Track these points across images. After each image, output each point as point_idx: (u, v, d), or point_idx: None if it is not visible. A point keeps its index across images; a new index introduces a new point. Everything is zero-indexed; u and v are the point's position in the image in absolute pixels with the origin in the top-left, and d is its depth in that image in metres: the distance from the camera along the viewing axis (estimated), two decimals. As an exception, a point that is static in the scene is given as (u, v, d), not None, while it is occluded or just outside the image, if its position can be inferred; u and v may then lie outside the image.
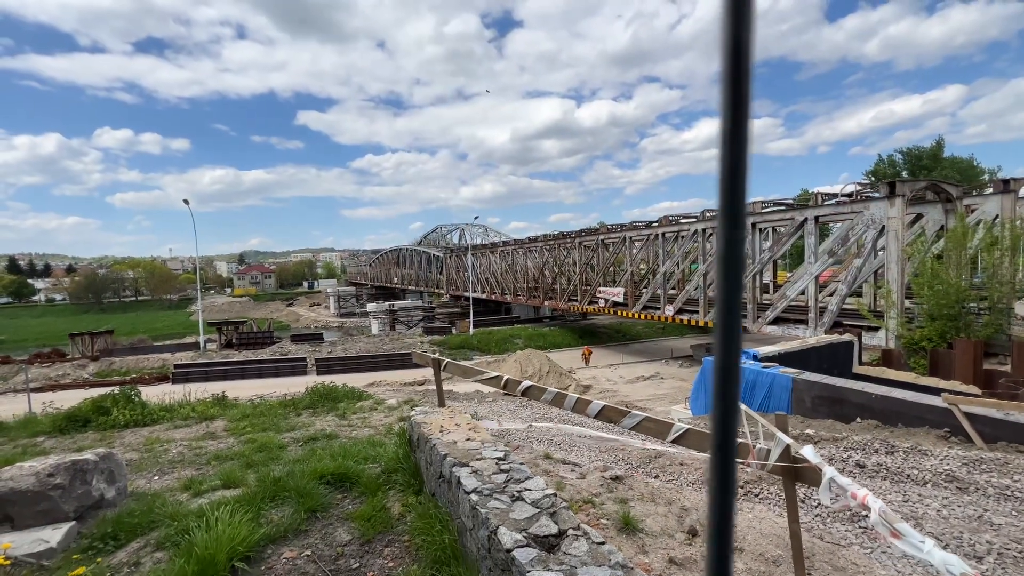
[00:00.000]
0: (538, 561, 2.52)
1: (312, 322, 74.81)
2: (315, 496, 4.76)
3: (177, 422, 9.42)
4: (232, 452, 6.91)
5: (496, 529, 2.85)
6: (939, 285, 16.53)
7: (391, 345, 39.52)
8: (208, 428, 8.93)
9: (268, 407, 10.55)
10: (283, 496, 4.81)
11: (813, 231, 21.40)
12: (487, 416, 10.89)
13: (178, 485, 5.69)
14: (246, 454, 6.65)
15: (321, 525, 4.52)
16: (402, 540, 4.22)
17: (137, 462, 6.81)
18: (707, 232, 27.60)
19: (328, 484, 5.20)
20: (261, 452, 6.73)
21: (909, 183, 19.42)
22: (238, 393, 15.35)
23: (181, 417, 9.64)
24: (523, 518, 2.95)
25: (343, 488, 5.23)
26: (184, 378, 28.74)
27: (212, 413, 9.86)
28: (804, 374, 11.59)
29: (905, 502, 5.75)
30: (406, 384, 25.48)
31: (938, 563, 1.86)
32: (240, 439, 7.79)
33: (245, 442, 7.45)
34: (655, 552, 3.89)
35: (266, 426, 8.63)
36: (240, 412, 9.99)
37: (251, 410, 10.25)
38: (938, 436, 8.58)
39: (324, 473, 5.25)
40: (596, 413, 4.21)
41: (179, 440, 8.04)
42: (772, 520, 4.60)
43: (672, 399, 21.31)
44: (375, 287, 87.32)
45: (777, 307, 22.54)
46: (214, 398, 11.36)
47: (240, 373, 31.19)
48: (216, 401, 11.08)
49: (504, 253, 49.76)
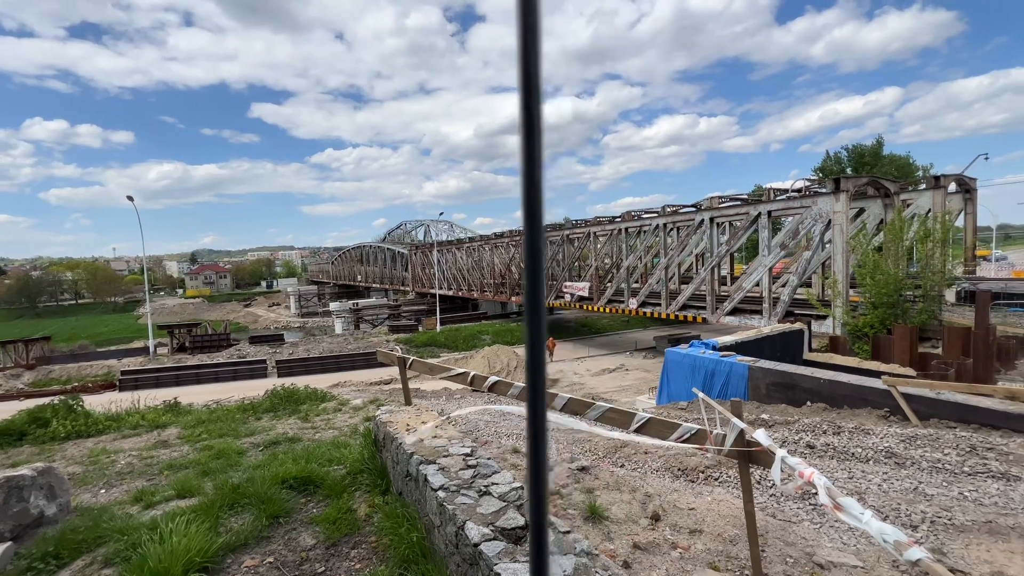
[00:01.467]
0: (505, 553, 2.55)
1: (272, 323, 72.16)
2: (277, 501, 4.62)
3: (125, 431, 8.90)
4: (187, 460, 6.61)
5: (464, 524, 2.85)
6: (880, 275, 17.65)
7: (356, 344, 38.67)
8: (160, 436, 8.49)
9: (225, 412, 10.13)
10: (243, 503, 4.65)
11: (766, 225, 22.38)
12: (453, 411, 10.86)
13: (128, 498, 5.40)
14: (202, 462, 6.37)
15: (284, 531, 4.40)
16: (369, 541, 4.16)
17: (81, 476, 6.41)
18: (668, 227, 28.36)
19: (291, 488, 5.07)
20: (219, 459, 6.46)
21: (852, 179, 20.60)
22: (193, 399, 14.65)
23: (130, 426, 9.12)
24: (490, 512, 2.97)
25: (307, 492, 5.10)
26: (133, 385, 27.17)
27: (164, 421, 9.38)
28: (759, 362, 12.13)
29: (850, 478, 6.14)
30: (372, 384, 25.02)
31: (875, 532, 2.00)
32: (195, 446, 7.46)
33: (201, 449, 7.14)
34: (620, 538, 4.00)
35: (224, 432, 8.28)
36: (195, 418, 9.55)
37: (207, 416, 9.81)
38: (879, 416, 9.18)
39: (286, 477, 5.11)
40: (562, 406, 4.28)
41: (128, 450, 7.62)
42: (730, 502, 4.80)
43: (637, 390, 21.87)
44: (338, 286, 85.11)
45: (734, 298, 23.47)
46: (166, 405, 10.80)
47: (195, 378, 29.77)
48: (168, 408, 10.54)
49: (470, 249, 49.52)
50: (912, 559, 1.91)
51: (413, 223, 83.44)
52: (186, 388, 26.22)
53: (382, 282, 68.90)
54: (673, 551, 3.85)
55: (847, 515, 2.19)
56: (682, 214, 27.73)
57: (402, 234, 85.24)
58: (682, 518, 4.43)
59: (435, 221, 72.56)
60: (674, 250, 28.17)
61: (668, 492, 5.11)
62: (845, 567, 3.64)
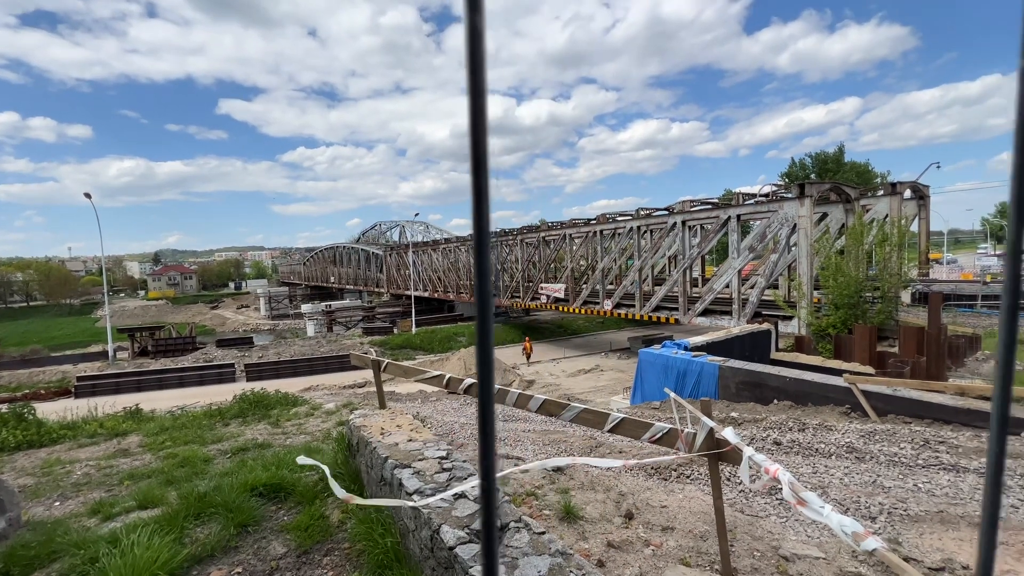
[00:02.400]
0: (480, 556, 2.55)
1: (241, 325, 70.03)
2: (246, 510, 4.50)
3: (82, 440, 8.49)
4: (149, 469, 6.35)
5: (439, 528, 2.84)
6: (841, 278, 18.40)
7: (328, 347, 37.90)
8: (120, 445, 8.14)
9: (191, 418, 9.78)
10: (210, 513, 4.50)
11: (736, 228, 23.04)
12: (430, 414, 10.77)
13: (85, 510, 5.16)
14: (166, 470, 6.14)
15: (253, 540, 4.28)
16: (342, 547, 4.09)
17: (33, 488, 6.08)
18: (642, 229, 28.86)
19: (261, 496, 4.94)
20: (183, 467, 6.24)
21: (816, 185, 21.43)
22: (156, 405, 14.10)
23: (87, 434, 8.71)
24: (466, 515, 2.97)
25: (277, 499, 4.98)
26: (90, 391, 25.90)
27: (124, 428, 8.99)
28: (729, 361, 12.47)
29: (814, 473, 6.37)
30: (345, 387, 24.57)
31: (835, 525, 2.09)
32: (159, 455, 7.18)
33: (165, 458, 6.88)
34: (594, 537, 4.05)
35: (189, 439, 8.00)
36: (158, 425, 9.19)
37: (171, 423, 9.45)
38: (841, 413, 9.57)
39: (256, 485, 4.97)
40: (537, 408, 4.30)
41: (85, 460, 7.27)
42: (700, 499, 4.93)
43: (611, 390, 22.15)
44: (310, 287, 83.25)
45: (705, 300, 24.06)
46: (126, 412, 10.35)
47: (157, 383, 28.60)
48: (129, 415, 10.11)
49: (446, 251, 49.23)
50: (869, 549, 2.00)
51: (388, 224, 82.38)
52: (149, 394, 25.16)
53: (356, 283, 67.76)
54: (646, 548, 3.92)
55: (809, 509, 2.29)
56: (655, 217, 28.27)
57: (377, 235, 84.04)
58: (655, 516, 4.52)
59: (411, 222, 71.82)
60: (648, 252, 28.69)
61: (642, 491, 5.20)
62: (808, 559, 3.78)
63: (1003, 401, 0.40)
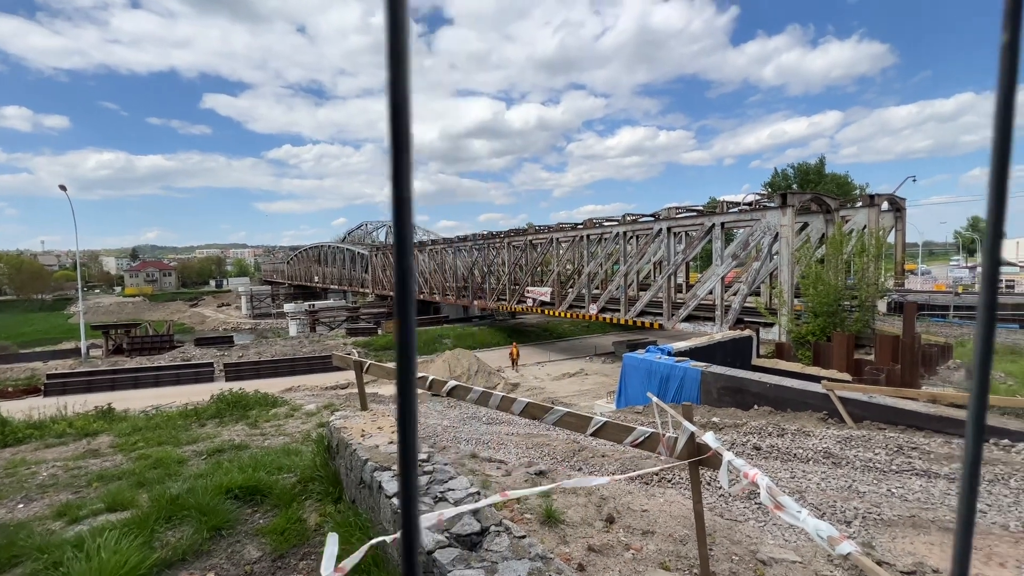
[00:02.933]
0: (460, 560, 2.52)
1: (221, 324, 68.66)
2: (220, 513, 4.38)
3: (49, 440, 8.20)
4: (119, 471, 6.16)
5: (418, 532, 2.80)
6: (821, 286, 18.79)
7: (311, 347, 37.35)
8: (90, 445, 7.88)
9: (165, 418, 9.53)
10: (182, 515, 4.38)
11: (720, 236, 23.37)
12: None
13: (50, 512, 4.97)
14: (137, 472, 5.96)
15: (227, 543, 4.17)
16: (319, 552, 4.01)
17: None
18: (628, 235, 29.11)
19: (236, 499, 4.82)
20: (156, 469, 6.07)
21: (798, 195, 21.87)
22: (130, 404, 13.71)
23: (54, 434, 8.42)
24: (446, 519, 2.93)
25: (253, 502, 4.87)
26: (60, 390, 25.08)
27: (95, 428, 8.71)
28: (711, 367, 12.62)
29: (792, 478, 6.47)
30: (327, 388, 24.22)
31: (811, 530, 2.12)
32: (130, 456, 6.97)
33: (136, 459, 6.68)
34: (575, 542, 4.04)
35: (163, 439, 7.79)
36: (130, 425, 8.93)
37: (144, 423, 9.19)
38: (819, 419, 9.75)
39: (231, 487, 4.86)
40: (520, 411, 4.28)
41: (52, 461, 7.02)
42: (681, 503, 4.96)
43: (596, 394, 22.23)
44: (293, 286, 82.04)
45: (689, 306, 24.35)
46: (98, 411, 10.03)
47: (132, 382, 27.82)
48: (100, 414, 9.80)
49: (433, 252, 48.99)
50: (843, 553, 2.03)
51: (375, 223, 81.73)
52: (122, 393, 24.47)
53: (340, 283, 66.98)
54: (626, 552, 3.93)
55: (786, 514, 2.31)
56: (641, 223, 28.54)
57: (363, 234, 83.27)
58: (636, 520, 4.53)
59: (397, 222, 71.23)
60: (633, 258, 28.94)
61: (623, 494, 5.21)
62: (785, 563, 3.83)
63: (979, 408, 0.40)
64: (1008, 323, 26.20)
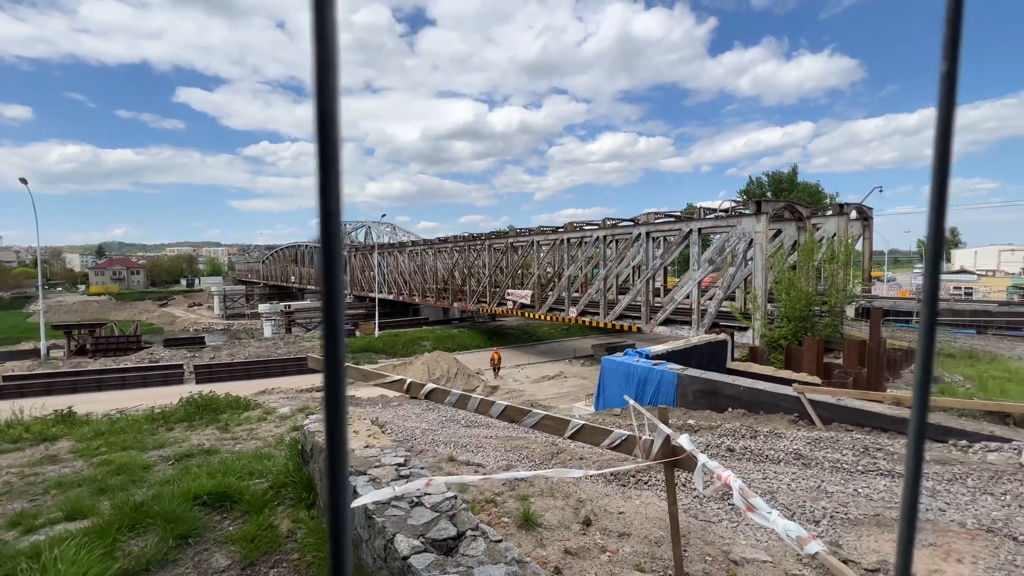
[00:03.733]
0: (435, 565, 2.49)
1: (192, 324, 66.64)
2: (187, 520, 4.24)
3: (3, 445, 7.80)
4: (80, 477, 5.91)
5: (393, 537, 2.76)
6: (793, 292, 19.34)
7: (286, 349, 36.55)
8: (48, 451, 7.53)
9: (131, 422, 9.18)
10: (146, 523, 4.22)
11: (697, 241, 23.83)
12: (390, 420, 10.54)
13: (3, 522, 4.73)
14: (99, 478, 5.72)
15: (194, 552, 4.04)
16: (291, 559, 3.91)
17: (-57, 498, 5.53)
18: (608, 239, 29.43)
19: (205, 505, 4.67)
20: (119, 475, 5.84)
21: (772, 203, 22.48)
22: (92, 408, 13.15)
23: (9, 439, 8.01)
24: (421, 523, 2.90)
25: (222, 508, 4.72)
26: (16, 392, 23.88)
27: (54, 433, 8.32)
28: (687, 370, 12.83)
29: (764, 479, 6.62)
30: (303, 391, 23.71)
31: (780, 530, 2.16)
32: (92, 461, 6.69)
33: (98, 464, 6.41)
34: (552, 544, 4.04)
35: (127, 444, 7.50)
36: (93, 430, 8.56)
37: (108, 427, 8.83)
38: (790, 420, 10.01)
39: (199, 493, 4.70)
40: (499, 414, 4.27)
41: (6, 467, 6.68)
42: (657, 504, 5.01)
43: (575, 397, 22.36)
44: (269, 286, 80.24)
45: (667, 310, 24.73)
46: (57, 415, 9.59)
47: (96, 385, 26.72)
48: (60, 418, 9.37)
49: (413, 253, 48.57)
50: (811, 552, 2.08)
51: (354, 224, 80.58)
52: (85, 396, 23.48)
53: (318, 284, 65.62)
54: (602, 555, 3.95)
55: (757, 515, 2.36)
56: (621, 227, 28.89)
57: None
58: (612, 522, 4.56)
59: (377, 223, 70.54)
60: (613, 262, 29.26)
61: (600, 497, 5.25)
62: (757, 562, 3.91)
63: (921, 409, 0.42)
64: (966, 328, 27.43)
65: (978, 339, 24.93)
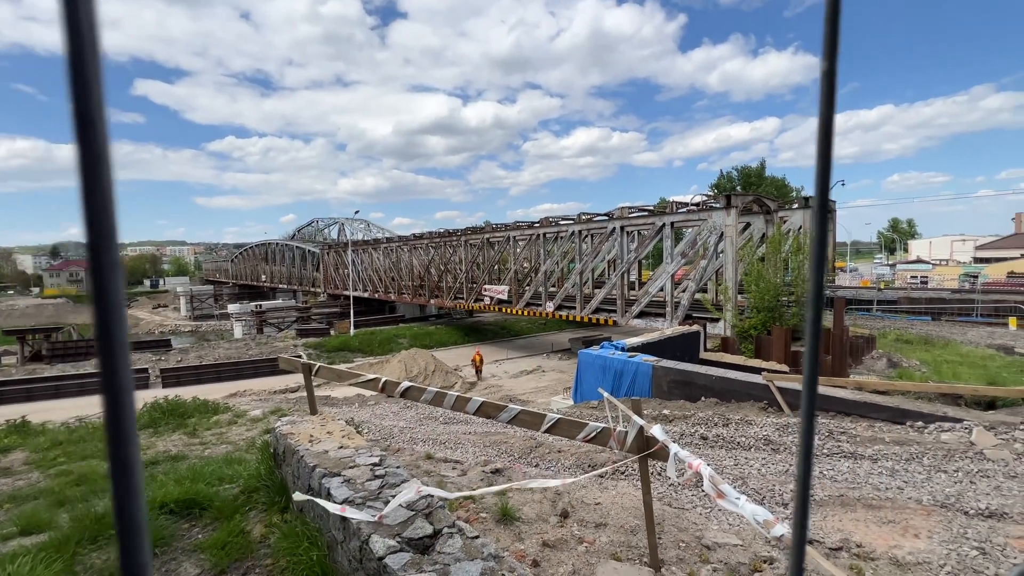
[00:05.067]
0: (411, 564, 2.47)
1: (157, 327, 64.18)
2: (153, 530, 4.09)
3: (-49, 459, 7.37)
4: (35, 490, 5.63)
5: (368, 538, 2.73)
6: (762, 283, 19.92)
7: (258, 350, 35.61)
8: (0, 463, 7.15)
9: (91, 430, 8.79)
10: (109, 535, 4.05)
11: (670, 235, 24.27)
12: (367, 419, 10.41)
13: (-50, 539, 4.46)
14: (57, 490, 5.47)
15: (161, 563, 3.90)
16: (264, 564, 3.82)
17: None
18: (583, 234, 29.67)
19: (172, 514, 4.52)
20: (79, 486, 5.59)
21: (741, 197, 23.05)
22: (49, 416, 12.54)
23: (-43, 452, 7.58)
24: (397, 523, 2.87)
25: (191, 516, 4.58)
26: (-34, 402, 22.60)
27: (6, 444, 7.90)
28: (662, 361, 13.08)
29: (736, 465, 6.82)
30: (276, 392, 23.17)
31: (748, 515, 2.23)
32: (48, 473, 6.38)
33: (56, 475, 6.12)
34: (530, 538, 4.07)
35: (87, 454, 7.18)
36: (49, 440, 8.16)
37: (66, 436, 8.43)
38: (760, 408, 10.33)
39: (166, 501, 4.55)
40: (475, 410, 4.26)
41: (-47, 482, 6.31)
42: (632, 494, 5.10)
43: (553, 391, 22.53)
44: (238, 286, 77.90)
45: (641, 302, 25.13)
46: (9, 425, 9.10)
47: (53, 392, 25.47)
48: (13, 428, 8.90)
49: (388, 250, 47.90)
50: (777, 535, 2.15)
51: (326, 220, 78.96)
52: (41, 404, 22.37)
53: (290, 282, 64.26)
54: (580, 546, 4.00)
55: (727, 501, 2.42)
56: (596, 222, 29.16)
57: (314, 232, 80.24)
58: (589, 513, 4.62)
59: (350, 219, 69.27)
60: (588, 256, 29.53)
61: (577, 489, 5.31)
62: (728, 546, 4.02)
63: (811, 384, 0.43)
64: (922, 315, 28.82)
65: (933, 325, 26.23)
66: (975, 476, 5.81)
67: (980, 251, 68.44)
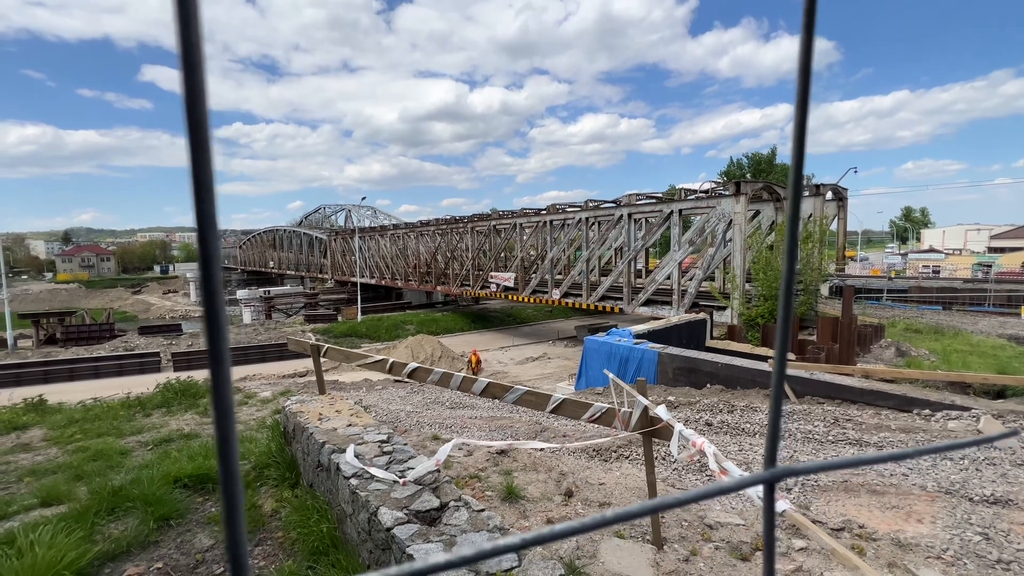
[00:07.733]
0: (419, 535, 2.54)
1: (167, 312, 65.11)
2: (168, 503, 4.21)
3: (-28, 436, 7.59)
4: (54, 464, 5.79)
5: (377, 510, 2.79)
6: (770, 271, 19.76)
7: (267, 335, 36.05)
8: (19, 439, 7.35)
9: (106, 409, 8.99)
10: (126, 507, 4.18)
11: (678, 223, 24.06)
12: (375, 403, 10.55)
13: (-26, 510, 4.62)
14: (75, 465, 5.63)
15: (176, 533, 4.03)
16: (276, 536, 3.93)
17: (-91, 489, 5.37)
18: (590, 221, 29.50)
19: (186, 488, 4.65)
20: (96, 461, 5.75)
21: (750, 184, 22.75)
22: (65, 397, 12.82)
23: (-22, 429, 7.79)
24: (405, 496, 2.94)
25: (204, 491, 4.70)
26: (-15, 383, 23.16)
27: (25, 421, 8.11)
28: (668, 348, 13.09)
29: (740, 450, 6.86)
30: (285, 376, 23.51)
31: (752, 494, 2.25)
32: (66, 448, 6.55)
33: (73, 451, 6.29)
34: (535, 516, 4.14)
35: (103, 431, 7.36)
36: (66, 417, 8.37)
37: (82, 414, 8.64)
38: (765, 395, 10.33)
39: (180, 476, 4.67)
40: (481, 390, 4.31)
41: (-25, 457, 6.50)
42: (636, 475, 5.16)
43: (558, 377, 22.64)
44: (247, 272, 78.57)
45: (648, 290, 25.05)
46: (27, 403, 9.33)
47: (68, 374, 26.02)
48: (31, 407, 9.12)
49: (395, 237, 47.96)
50: (779, 511, 2.18)
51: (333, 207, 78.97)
52: (57, 386, 22.88)
53: (298, 269, 64.68)
54: (584, 524, 4.06)
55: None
56: (603, 209, 28.97)
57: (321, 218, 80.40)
58: (593, 493, 4.69)
59: (357, 206, 69.22)
60: (595, 243, 29.39)
61: (582, 470, 5.37)
62: (730, 526, 4.07)
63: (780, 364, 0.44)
64: (932, 305, 28.50)
65: (944, 315, 25.95)
66: (981, 464, 5.80)
67: (995, 240, 67.23)
